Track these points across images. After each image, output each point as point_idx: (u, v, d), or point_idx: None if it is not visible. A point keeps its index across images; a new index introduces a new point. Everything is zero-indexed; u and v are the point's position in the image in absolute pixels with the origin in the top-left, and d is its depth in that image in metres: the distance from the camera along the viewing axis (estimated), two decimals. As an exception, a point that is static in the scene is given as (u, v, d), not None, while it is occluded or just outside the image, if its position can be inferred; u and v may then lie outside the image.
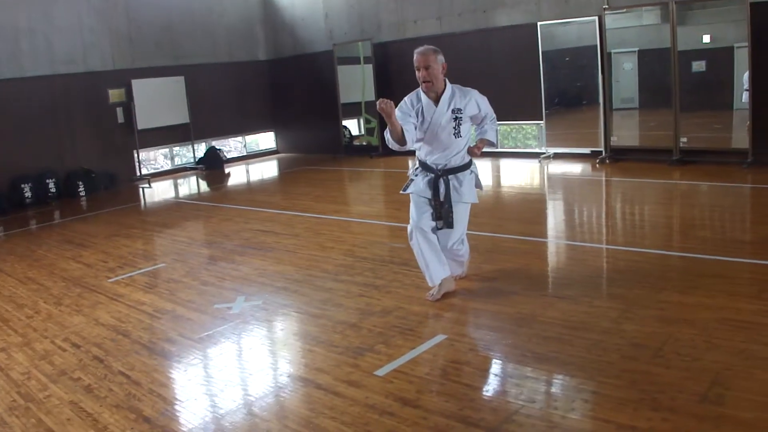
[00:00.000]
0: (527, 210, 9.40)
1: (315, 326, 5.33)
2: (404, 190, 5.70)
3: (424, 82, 5.43)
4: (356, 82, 15.91)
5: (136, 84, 15.16)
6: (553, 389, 3.97)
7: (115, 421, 3.97)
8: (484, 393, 3.98)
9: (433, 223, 5.54)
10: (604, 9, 11.79)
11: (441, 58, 5.43)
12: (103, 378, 4.60)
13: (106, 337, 5.43)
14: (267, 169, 16.71)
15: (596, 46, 12.08)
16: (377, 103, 5.04)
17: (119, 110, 15.25)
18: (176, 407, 4.10)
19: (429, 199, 5.56)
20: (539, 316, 5.03)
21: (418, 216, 5.52)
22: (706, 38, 10.97)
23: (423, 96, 5.52)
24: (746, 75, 10.42)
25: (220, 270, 7.21)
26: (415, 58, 5.42)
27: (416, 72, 5.43)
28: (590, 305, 5.19)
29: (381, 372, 4.29)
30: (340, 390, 4.13)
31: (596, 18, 11.98)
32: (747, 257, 6.15)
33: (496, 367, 4.34)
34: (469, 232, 7.14)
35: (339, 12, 16.50)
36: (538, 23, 12.75)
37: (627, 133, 12.29)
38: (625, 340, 4.45)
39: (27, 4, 13.73)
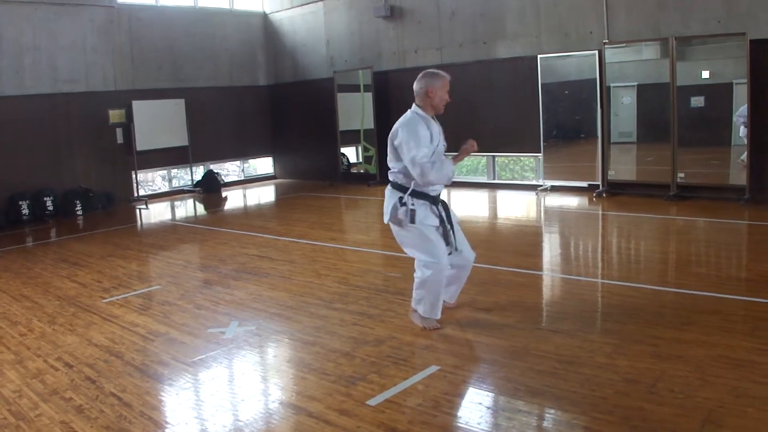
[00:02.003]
0: (523, 242, 9.41)
1: (308, 354, 5.32)
2: (412, 221, 5.42)
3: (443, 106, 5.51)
4: (356, 110, 15.97)
5: (137, 105, 15.23)
6: (545, 423, 3.97)
7: (104, 443, 3.96)
8: (476, 426, 3.96)
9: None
10: (604, 43, 11.89)
11: None
12: (95, 399, 4.59)
13: (98, 358, 5.42)
14: (264, 194, 16.77)
15: (596, 79, 12.18)
16: (468, 144, 5.23)
17: (119, 131, 15.31)
18: (166, 431, 4.08)
19: (436, 227, 5.53)
20: (533, 350, 5.03)
21: (442, 248, 5.47)
22: (706, 74, 11.06)
23: (431, 121, 5.54)
24: (740, 110, 10.51)
25: (215, 294, 7.20)
26: (444, 81, 5.54)
27: (439, 96, 5.53)
28: (584, 339, 5.19)
29: (373, 402, 4.28)
30: (331, 418, 4.12)
31: (596, 52, 12.09)
32: (742, 294, 6.16)
33: (488, 399, 4.33)
34: None
35: (340, 39, 16.63)
36: (539, 56, 12.87)
37: (625, 167, 12.34)
38: (618, 376, 4.45)
39: (32, 22, 13.83)
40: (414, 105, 5.55)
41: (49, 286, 8.02)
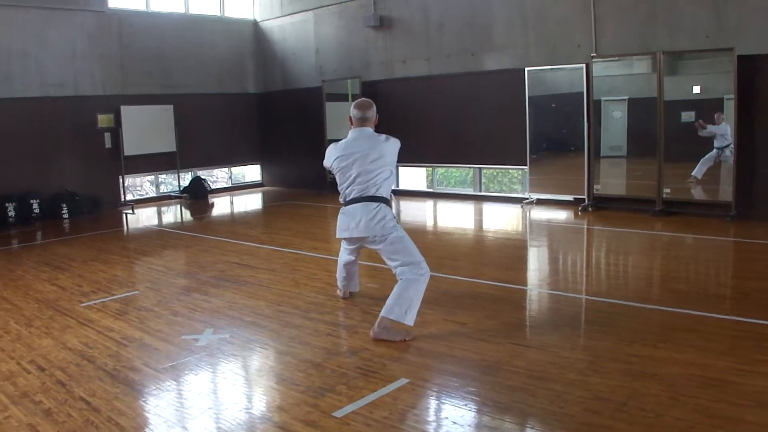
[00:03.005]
0: (505, 255, 9.42)
1: (279, 363, 5.34)
2: (401, 229, 5.96)
3: None
4: (344, 119, 15.79)
5: (125, 110, 15.25)
6: (512, 441, 3.94)
7: (70, 448, 3.96)
8: (440, 439, 3.96)
9: None
10: (592, 57, 11.92)
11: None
12: (64, 403, 4.59)
13: (71, 362, 5.42)
14: (251, 202, 16.77)
15: (583, 93, 12.21)
16: None
17: (107, 135, 15.33)
18: (132, 438, 4.09)
19: None
20: (505, 365, 5.03)
21: None
22: (697, 89, 11.10)
23: None
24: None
25: (192, 301, 7.21)
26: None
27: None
28: (558, 355, 5.19)
29: (339, 413, 4.28)
30: (296, 430, 4.12)
31: (584, 65, 12.12)
32: (722, 313, 6.12)
33: (455, 414, 4.32)
34: (446, 276, 7.29)
35: (329, 49, 16.68)
36: (526, 69, 12.90)
37: (613, 182, 12.36)
38: (589, 393, 4.44)
39: (21, 27, 13.84)
40: (371, 128, 6.14)
41: (29, 289, 8.01)
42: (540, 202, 13.19)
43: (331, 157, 6.06)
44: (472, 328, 5.95)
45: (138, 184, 17.92)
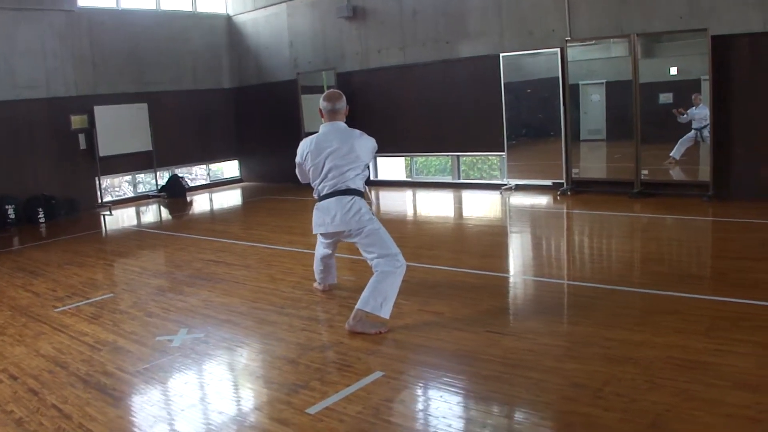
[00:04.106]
0: (483, 243, 9.37)
1: (254, 361, 5.31)
2: (376, 221, 5.97)
3: None
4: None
5: (99, 110, 15.08)
6: (485, 430, 3.91)
7: (40, 457, 3.90)
8: (414, 433, 3.92)
9: None
10: (567, 41, 11.89)
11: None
12: (35, 411, 4.52)
13: (44, 369, 5.35)
14: (229, 198, 16.69)
15: (558, 77, 12.20)
16: None
17: (81, 136, 15.17)
18: (103, 443, 4.03)
19: None
20: (481, 354, 4.99)
21: None
22: (674, 70, 11.10)
23: None
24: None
25: (167, 301, 7.14)
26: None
27: None
28: (535, 342, 5.16)
29: (312, 410, 4.23)
30: (269, 428, 4.08)
31: (558, 50, 12.10)
32: (701, 293, 6.09)
33: (430, 406, 4.28)
34: (423, 265, 7.35)
35: (303, 41, 16.59)
36: (501, 54, 12.85)
37: (593, 165, 12.35)
38: (566, 380, 4.40)
39: (-12, 29, 13.66)
40: (343, 121, 6.13)
41: (2, 296, 7.92)
42: (519, 188, 13.18)
43: (303, 152, 6.04)
44: (449, 317, 5.91)
45: (116, 185, 17.79)
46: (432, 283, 7.02)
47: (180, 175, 17.49)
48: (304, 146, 6.03)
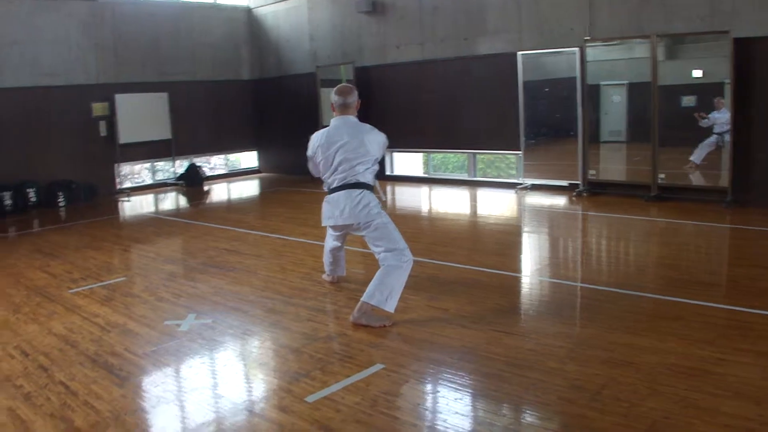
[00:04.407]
0: (495, 241, 9.41)
1: (258, 349, 5.42)
2: (385, 215, 6.04)
3: None
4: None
5: (120, 98, 15.26)
6: (480, 428, 3.96)
7: (44, 430, 4.03)
8: (410, 427, 3.98)
9: None
10: (586, 40, 11.89)
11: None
12: (44, 387, 4.67)
13: (54, 347, 5.49)
14: (246, 188, 16.83)
15: (576, 77, 12.17)
16: None
17: (102, 123, 15.33)
18: (107, 420, 4.14)
19: None
20: (483, 351, 5.04)
21: None
22: (697, 73, 10.98)
23: None
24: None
25: (178, 287, 7.27)
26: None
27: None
28: (538, 343, 5.20)
29: (311, 399, 4.32)
30: (266, 414, 4.19)
31: (577, 49, 12.07)
32: (709, 300, 6.01)
33: (427, 400, 4.37)
34: (435, 261, 7.50)
35: (323, 34, 16.67)
36: (519, 53, 12.86)
37: (611, 167, 12.30)
38: (566, 382, 4.43)
39: (14, 16, 13.87)
40: (354, 116, 6.21)
41: (20, 277, 8.09)
42: (535, 188, 13.16)
43: (314, 145, 6.12)
44: (454, 314, 5.96)
45: (136, 172, 17.97)
46: (441, 279, 7.08)
47: (198, 164, 17.62)
48: (315, 139, 6.12)
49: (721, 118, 10.65)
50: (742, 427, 3.76)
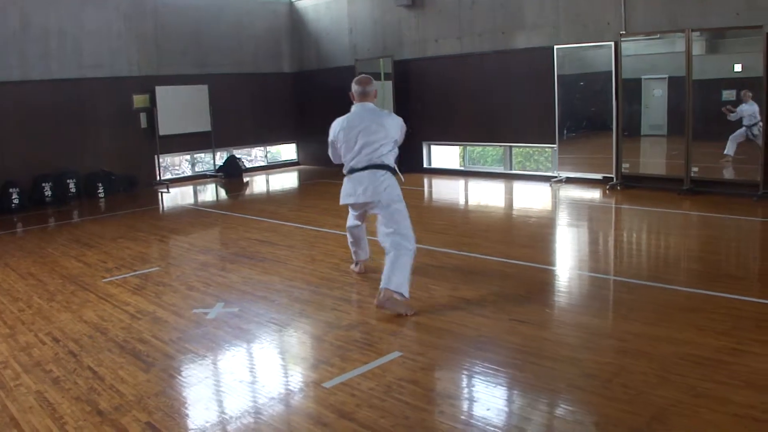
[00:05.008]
0: (525, 234, 9.44)
1: (281, 336, 5.51)
2: (404, 203, 6.25)
3: None
4: (376, 99, 15.98)
5: (160, 90, 15.50)
6: (489, 413, 4.01)
7: (71, 413, 4.15)
8: (420, 411, 4.05)
9: None
10: (621, 35, 11.85)
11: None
12: (72, 372, 4.81)
13: (85, 334, 5.65)
14: (285, 180, 16.99)
15: (611, 71, 12.16)
16: None
17: (142, 115, 15.60)
18: (131, 403, 4.26)
19: None
20: (499, 340, 5.12)
21: None
22: (738, 67, 10.92)
23: None
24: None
25: (209, 276, 7.41)
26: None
27: None
28: (554, 332, 5.27)
29: (328, 384, 4.42)
30: (282, 398, 4.31)
31: (612, 43, 12.06)
32: (730, 292, 6.01)
33: (440, 386, 4.45)
34: (462, 253, 7.64)
35: (363, 28, 16.77)
36: (555, 47, 12.88)
37: (650, 161, 12.29)
38: (578, 370, 4.48)
39: (58, 7, 14.15)
40: (372, 103, 6.48)
41: (56, 265, 8.29)
42: (569, 181, 13.16)
43: (335, 130, 6.40)
44: (475, 304, 6.02)
45: (176, 163, 18.22)
46: (466, 270, 7.15)
47: (238, 156, 17.81)
48: (337, 125, 6.40)
49: (748, 110, 10.62)
50: (747, 415, 3.78)
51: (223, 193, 15.15)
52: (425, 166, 16.15)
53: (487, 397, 4.24)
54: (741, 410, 3.83)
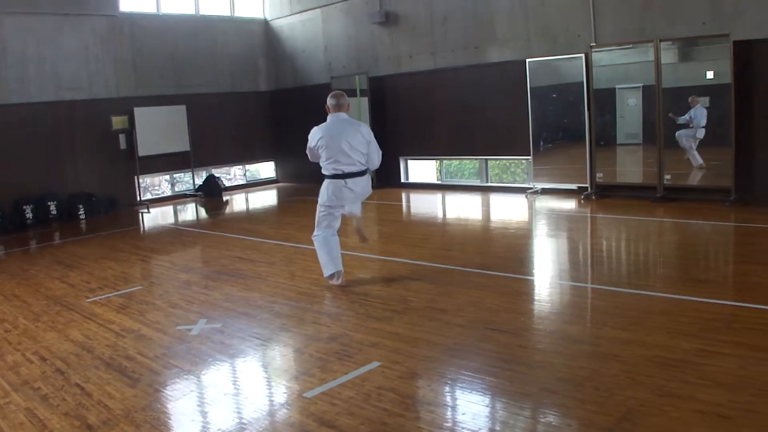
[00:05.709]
0: (500, 245, 9.62)
1: (264, 350, 5.66)
2: None
3: None
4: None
5: (139, 111, 15.59)
6: (464, 417, 4.16)
7: (61, 428, 4.29)
8: (398, 418, 4.19)
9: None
10: (591, 46, 12.08)
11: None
12: (60, 389, 4.94)
13: (71, 353, 5.77)
14: (264, 198, 17.12)
15: (582, 82, 12.39)
16: None
17: (122, 137, 15.69)
18: (118, 417, 4.39)
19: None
20: (474, 348, 5.29)
21: None
22: (710, 74, 11.15)
23: None
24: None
25: (191, 294, 7.55)
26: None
27: None
28: (528, 339, 5.44)
29: (310, 394, 4.57)
30: (265, 408, 4.46)
31: (583, 55, 12.30)
32: (699, 296, 6.20)
33: (417, 393, 4.59)
34: (438, 265, 7.86)
35: (338, 45, 16.98)
36: (527, 60, 13.09)
37: (625, 169, 12.52)
38: (550, 374, 4.66)
39: (35, 33, 14.27)
40: (346, 114, 7.24)
41: (40, 287, 8.40)
42: (545, 192, 13.35)
43: (315, 138, 7.08)
44: (451, 314, 6.18)
45: (156, 184, 18.31)
46: (444, 282, 7.31)
47: (217, 175, 17.94)
48: (317, 133, 7.10)
49: (695, 115, 11.03)
50: (713, 412, 3.95)
51: (203, 212, 15.24)
52: (403, 180, 16.32)
53: (463, 402, 4.40)
54: (706, 407, 4.00)
